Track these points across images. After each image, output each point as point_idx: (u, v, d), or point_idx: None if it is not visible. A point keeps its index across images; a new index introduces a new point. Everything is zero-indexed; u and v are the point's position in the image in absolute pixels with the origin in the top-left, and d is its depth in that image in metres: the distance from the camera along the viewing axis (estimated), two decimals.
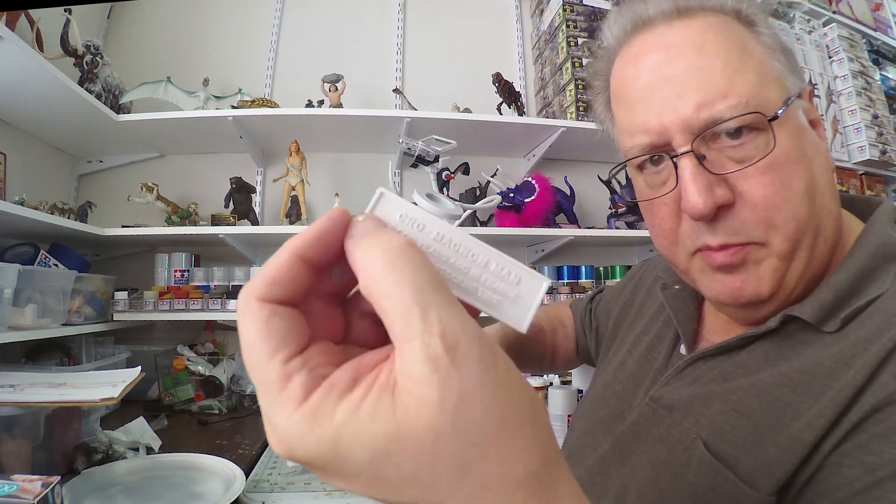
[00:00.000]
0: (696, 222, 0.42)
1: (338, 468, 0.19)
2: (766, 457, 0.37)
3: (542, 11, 2.01)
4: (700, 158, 0.41)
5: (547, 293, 0.24)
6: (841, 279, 0.41)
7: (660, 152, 0.43)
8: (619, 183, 1.68)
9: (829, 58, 2.17)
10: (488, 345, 0.20)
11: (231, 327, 1.66)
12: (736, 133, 0.41)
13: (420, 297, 0.19)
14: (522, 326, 0.24)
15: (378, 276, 0.20)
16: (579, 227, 1.75)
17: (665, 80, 0.42)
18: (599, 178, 1.78)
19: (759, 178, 0.40)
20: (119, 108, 1.60)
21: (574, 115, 1.72)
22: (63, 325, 1.27)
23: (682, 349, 0.52)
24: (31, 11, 1.35)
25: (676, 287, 0.55)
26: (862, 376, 0.36)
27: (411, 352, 0.19)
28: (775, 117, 0.40)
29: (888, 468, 0.32)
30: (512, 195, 1.70)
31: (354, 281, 0.23)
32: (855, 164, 2.08)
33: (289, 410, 0.19)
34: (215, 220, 1.58)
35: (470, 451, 0.19)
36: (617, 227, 1.77)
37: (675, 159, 0.42)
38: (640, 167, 0.46)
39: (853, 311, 0.39)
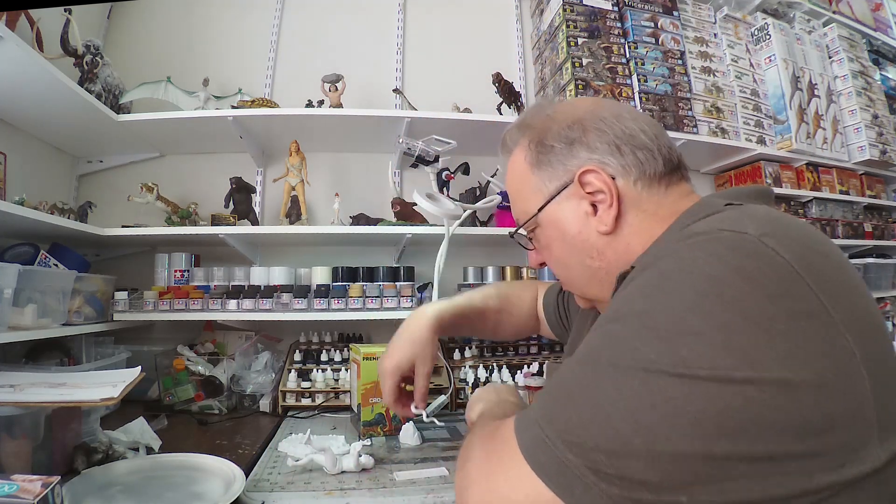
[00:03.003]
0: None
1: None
2: None
3: (542, 11, 2.01)
4: (530, 238, 0.70)
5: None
6: (656, 242, 0.56)
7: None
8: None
9: (829, 58, 2.17)
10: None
11: (231, 327, 1.66)
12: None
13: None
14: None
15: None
16: None
17: None
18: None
19: (543, 251, 0.68)
20: (119, 108, 1.60)
21: None
22: (63, 325, 1.27)
23: None
24: (31, 11, 1.35)
25: None
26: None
27: None
28: (533, 226, 0.67)
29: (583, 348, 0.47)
30: None
31: None
32: (855, 164, 2.08)
33: None
34: (215, 220, 1.58)
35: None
36: None
37: None
38: None
39: (644, 262, 0.52)
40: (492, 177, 1.73)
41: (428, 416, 0.89)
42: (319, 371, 1.48)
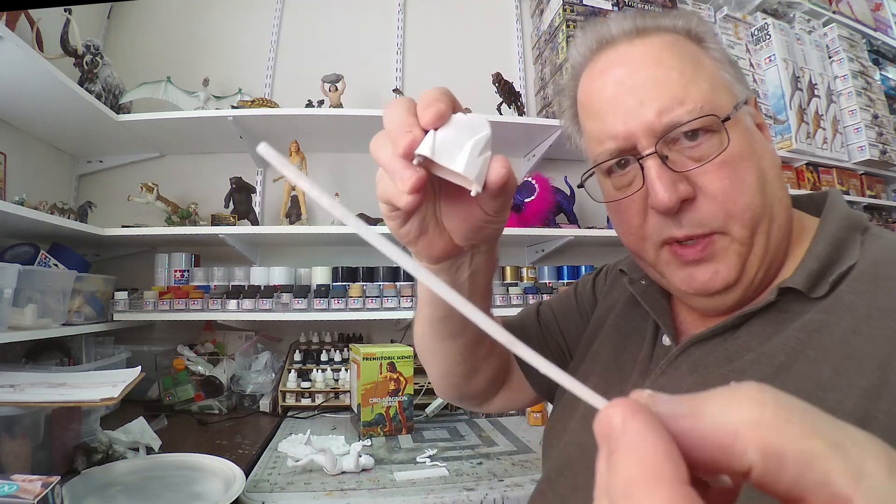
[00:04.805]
0: (662, 217, 0.46)
1: None
2: None
3: (542, 11, 2.01)
4: (663, 158, 0.45)
5: (548, 294, 0.26)
6: (821, 250, 0.45)
7: (626, 155, 0.48)
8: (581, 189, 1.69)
9: (829, 58, 2.17)
10: None
11: (231, 327, 1.66)
12: (693, 135, 0.45)
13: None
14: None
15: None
16: (579, 227, 1.75)
17: (628, 90, 0.47)
18: (565, 181, 1.77)
19: (715, 173, 0.45)
20: (119, 108, 1.60)
21: None
22: (63, 325, 1.27)
23: (666, 340, 0.52)
24: (31, 11, 1.35)
25: (643, 282, 0.57)
26: (880, 347, 0.37)
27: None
28: (727, 118, 0.45)
29: None
30: None
31: None
32: (855, 164, 2.08)
33: None
34: (215, 220, 1.58)
35: None
36: None
37: (640, 161, 0.46)
38: (608, 172, 0.50)
39: (837, 277, 0.43)
40: None
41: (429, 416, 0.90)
42: (319, 371, 1.48)
